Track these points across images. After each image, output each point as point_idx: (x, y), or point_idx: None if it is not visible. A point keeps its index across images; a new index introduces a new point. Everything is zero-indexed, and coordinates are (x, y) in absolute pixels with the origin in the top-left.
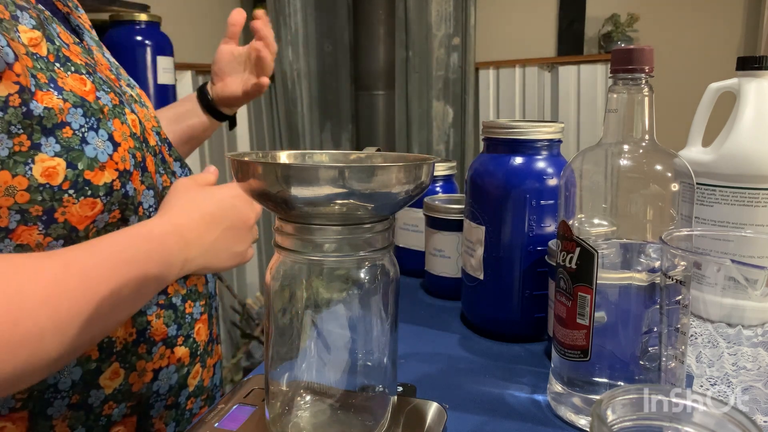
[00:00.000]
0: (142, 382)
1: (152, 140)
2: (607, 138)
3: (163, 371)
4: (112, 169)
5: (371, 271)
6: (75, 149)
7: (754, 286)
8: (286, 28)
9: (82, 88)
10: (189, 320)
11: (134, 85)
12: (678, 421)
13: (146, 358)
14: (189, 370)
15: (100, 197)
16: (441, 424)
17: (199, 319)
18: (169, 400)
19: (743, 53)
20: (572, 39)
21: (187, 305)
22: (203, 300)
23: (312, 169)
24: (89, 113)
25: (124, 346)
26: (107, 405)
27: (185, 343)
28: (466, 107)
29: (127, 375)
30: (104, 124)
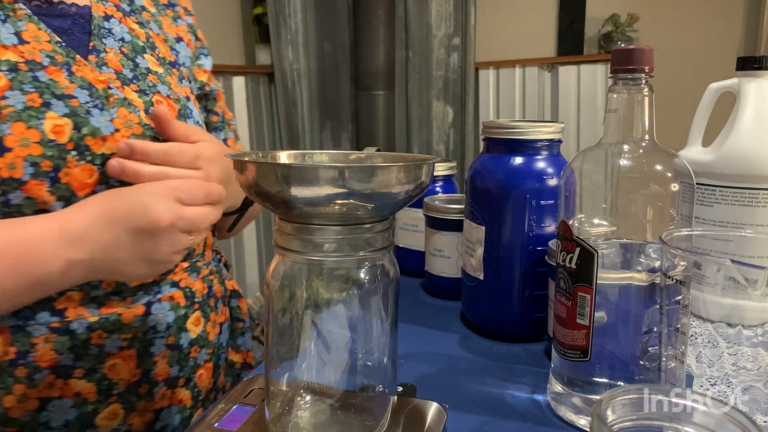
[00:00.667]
0: (23, 409)
1: (107, 148)
2: (607, 138)
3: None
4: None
5: (371, 271)
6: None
7: (754, 286)
8: (286, 28)
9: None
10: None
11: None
12: (678, 421)
13: (27, 384)
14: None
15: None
16: (441, 424)
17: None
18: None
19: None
20: (572, 39)
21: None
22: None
23: (312, 169)
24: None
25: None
26: None
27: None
28: (466, 107)
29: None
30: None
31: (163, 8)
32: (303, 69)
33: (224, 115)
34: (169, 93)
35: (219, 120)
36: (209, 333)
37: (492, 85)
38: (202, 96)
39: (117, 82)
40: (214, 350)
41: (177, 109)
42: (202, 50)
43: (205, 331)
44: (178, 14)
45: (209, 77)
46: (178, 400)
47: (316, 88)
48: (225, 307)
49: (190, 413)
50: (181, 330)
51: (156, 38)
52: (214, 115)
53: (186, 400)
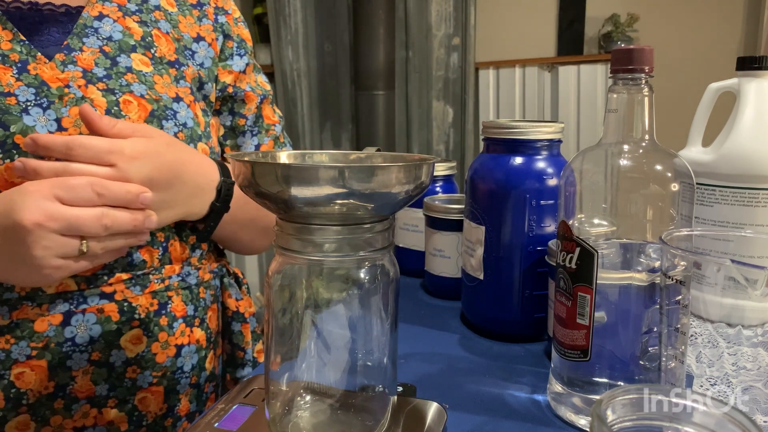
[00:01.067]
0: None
1: None
2: (607, 138)
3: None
4: None
5: (371, 271)
6: None
7: (754, 286)
8: (286, 28)
9: None
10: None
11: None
12: (678, 421)
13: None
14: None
15: None
16: (441, 424)
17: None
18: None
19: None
20: (572, 39)
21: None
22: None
23: (312, 169)
24: None
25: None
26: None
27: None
28: (466, 107)
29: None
30: None
31: (189, 8)
32: (303, 69)
33: (260, 120)
34: (144, 93)
35: (248, 123)
36: (157, 354)
37: (492, 85)
38: (227, 98)
39: (81, 81)
40: (165, 373)
41: (149, 110)
42: (237, 50)
43: (149, 351)
44: (205, 13)
45: (238, 78)
46: (107, 422)
47: (316, 88)
48: (203, 332)
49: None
50: (112, 347)
51: (160, 37)
52: (240, 118)
53: (121, 423)
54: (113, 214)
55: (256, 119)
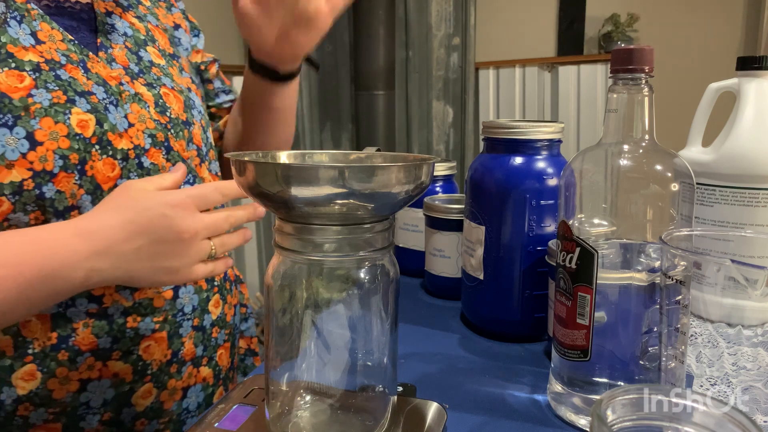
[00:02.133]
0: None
1: (124, 144)
2: (607, 138)
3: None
4: (24, 168)
5: (371, 271)
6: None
7: (754, 286)
8: None
9: (14, 84)
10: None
11: (163, 84)
12: (678, 421)
13: (68, 367)
14: (214, 390)
15: (5, 196)
16: (441, 424)
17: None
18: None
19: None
20: (572, 39)
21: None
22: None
23: (312, 169)
24: (5, 110)
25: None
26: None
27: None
28: (466, 107)
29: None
30: (24, 122)
31: (155, 0)
32: (303, 69)
33: (222, 81)
34: (173, 85)
35: (216, 86)
36: (227, 314)
37: (492, 85)
38: (199, 72)
39: (126, 78)
40: (231, 331)
41: (182, 100)
42: (193, 31)
43: (223, 312)
44: (171, 3)
45: (201, 53)
46: (202, 378)
47: (316, 88)
48: (237, 290)
49: (212, 391)
50: (204, 312)
51: (155, 30)
52: (209, 83)
53: (209, 378)
54: (235, 212)
55: (221, 81)
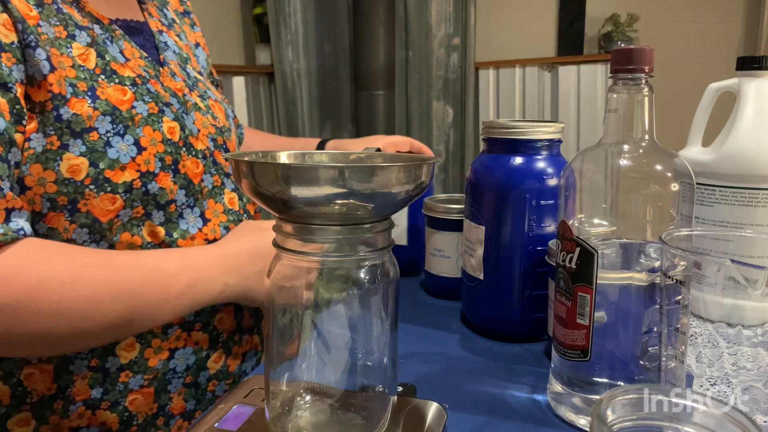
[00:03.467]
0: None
1: (200, 145)
2: (607, 138)
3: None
4: (134, 170)
5: (371, 271)
6: (98, 151)
7: (754, 286)
8: (286, 28)
9: (120, 98)
10: (209, 309)
11: (209, 96)
12: (678, 421)
13: (161, 338)
14: (209, 354)
15: (119, 194)
16: (441, 424)
17: (222, 310)
18: (187, 378)
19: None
20: (572, 39)
21: None
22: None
23: (312, 169)
24: (117, 120)
25: None
26: (123, 373)
27: (204, 329)
28: (466, 107)
29: (143, 350)
30: (132, 131)
31: (181, 17)
32: (303, 69)
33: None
34: (215, 96)
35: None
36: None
37: (492, 85)
38: None
39: (186, 89)
40: None
41: (223, 110)
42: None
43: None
44: (193, 21)
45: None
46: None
47: (316, 88)
48: None
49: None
50: None
51: (186, 48)
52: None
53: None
54: None
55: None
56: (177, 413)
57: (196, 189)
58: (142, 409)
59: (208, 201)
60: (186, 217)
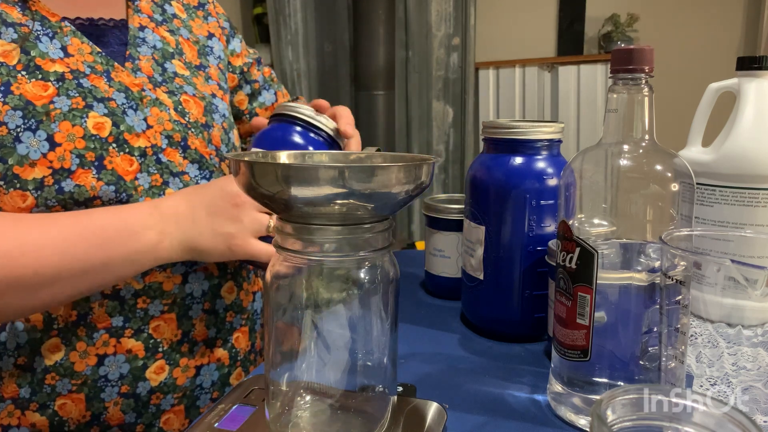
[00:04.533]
0: (84, 364)
1: (141, 142)
2: (607, 138)
3: (109, 358)
4: (45, 167)
5: (371, 271)
6: (7, 146)
7: (754, 286)
8: (286, 28)
9: (39, 93)
10: (141, 315)
11: (184, 91)
12: (678, 421)
13: (86, 342)
14: (146, 364)
15: (29, 191)
16: (441, 424)
17: (158, 318)
18: (122, 388)
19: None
20: (572, 39)
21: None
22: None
23: (312, 169)
24: (29, 115)
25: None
26: (49, 375)
27: (136, 336)
28: (466, 107)
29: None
30: (46, 126)
31: (194, 10)
32: (303, 69)
33: (266, 75)
34: (194, 92)
35: (260, 83)
36: (243, 300)
37: (492, 85)
38: (242, 73)
39: (149, 85)
40: (249, 316)
41: (203, 106)
42: (231, 33)
43: (239, 297)
44: (208, 12)
45: (240, 56)
46: (216, 359)
47: (316, 88)
48: (257, 278)
49: (228, 371)
50: (216, 297)
51: (185, 44)
52: (255, 83)
53: (224, 359)
54: None
55: (263, 78)
56: (114, 424)
57: (129, 186)
58: (73, 415)
59: (144, 199)
60: None
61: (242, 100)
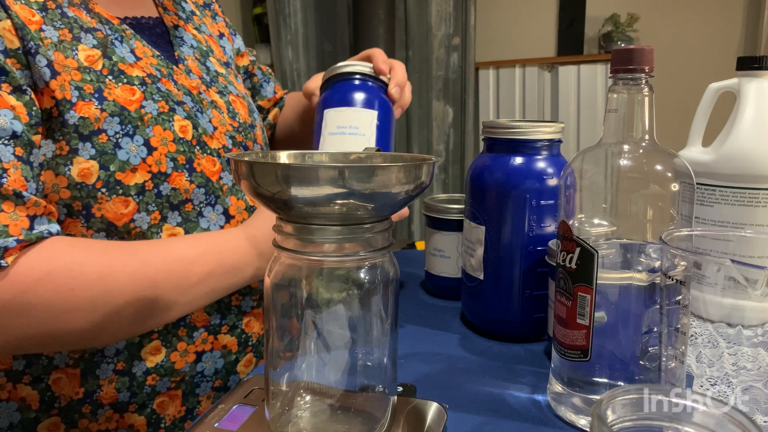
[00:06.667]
0: (184, 362)
1: (215, 143)
2: (607, 138)
3: (207, 355)
4: (145, 171)
5: (371, 271)
6: (108, 153)
7: (754, 286)
8: (286, 28)
9: (129, 98)
10: (236, 312)
11: (230, 92)
12: (678, 421)
13: (187, 341)
14: (238, 358)
15: (131, 196)
16: (441, 424)
17: (249, 312)
18: (216, 382)
19: (743, 53)
20: (572, 39)
21: (233, 298)
22: (256, 295)
23: (312, 169)
24: (126, 121)
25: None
26: (150, 377)
27: (231, 332)
28: (466, 107)
29: (168, 353)
30: (141, 131)
31: (202, 9)
32: (303, 69)
33: (263, 70)
34: (237, 92)
35: (258, 77)
36: None
37: (492, 85)
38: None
39: (203, 87)
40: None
41: (246, 106)
42: (233, 33)
43: None
44: (215, 12)
45: (246, 55)
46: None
47: None
48: None
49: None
50: None
51: (210, 40)
52: (254, 76)
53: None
54: None
55: (261, 72)
56: (107, 403)
57: (216, 186)
58: (66, 392)
59: (229, 198)
60: (206, 215)
61: None
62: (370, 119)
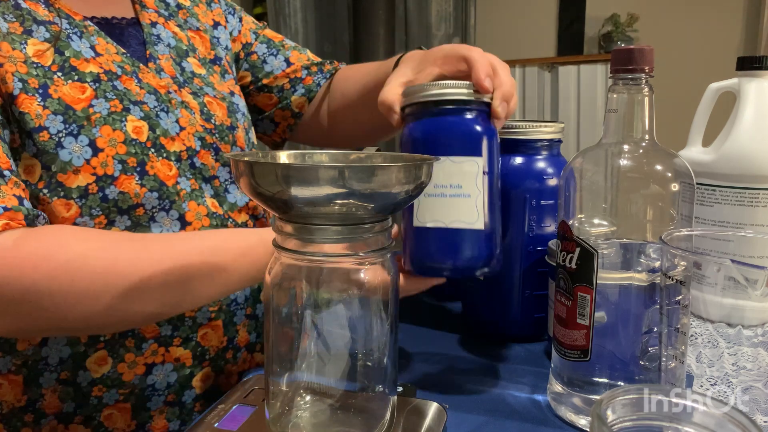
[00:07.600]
0: (132, 374)
1: (176, 146)
2: (607, 138)
3: (157, 367)
4: (88, 173)
5: (371, 271)
6: (49, 152)
7: (754, 286)
8: (286, 28)
9: (77, 96)
10: (189, 323)
11: (205, 93)
12: (678, 421)
13: (135, 352)
14: (193, 372)
15: (73, 199)
16: (441, 424)
17: (206, 324)
18: (169, 396)
19: (743, 53)
20: (572, 39)
21: None
22: (215, 306)
23: (312, 169)
24: (70, 120)
25: (113, 336)
26: (96, 387)
27: (184, 344)
28: None
29: (115, 364)
30: (87, 131)
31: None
32: None
33: (269, 42)
34: (215, 93)
35: (261, 53)
36: None
37: None
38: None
39: (174, 86)
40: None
41: (225, 107)
42: (228, 11)
43: None
44: None
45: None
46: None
47: None
48: None
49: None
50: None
51: (196, 36)
52: (252, 54)
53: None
54: None
55: (267, 45)
56: (51, 413)
57: (171, 191)
58: (8, 399)
59: (188, 203)
60: (159, 220)
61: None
62: (476, 171)
